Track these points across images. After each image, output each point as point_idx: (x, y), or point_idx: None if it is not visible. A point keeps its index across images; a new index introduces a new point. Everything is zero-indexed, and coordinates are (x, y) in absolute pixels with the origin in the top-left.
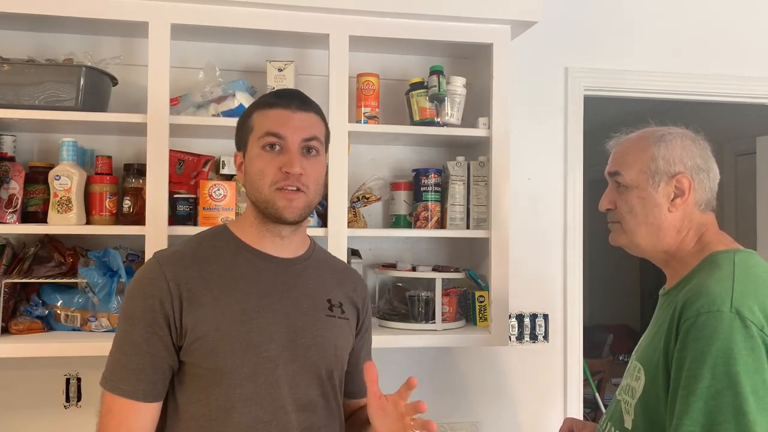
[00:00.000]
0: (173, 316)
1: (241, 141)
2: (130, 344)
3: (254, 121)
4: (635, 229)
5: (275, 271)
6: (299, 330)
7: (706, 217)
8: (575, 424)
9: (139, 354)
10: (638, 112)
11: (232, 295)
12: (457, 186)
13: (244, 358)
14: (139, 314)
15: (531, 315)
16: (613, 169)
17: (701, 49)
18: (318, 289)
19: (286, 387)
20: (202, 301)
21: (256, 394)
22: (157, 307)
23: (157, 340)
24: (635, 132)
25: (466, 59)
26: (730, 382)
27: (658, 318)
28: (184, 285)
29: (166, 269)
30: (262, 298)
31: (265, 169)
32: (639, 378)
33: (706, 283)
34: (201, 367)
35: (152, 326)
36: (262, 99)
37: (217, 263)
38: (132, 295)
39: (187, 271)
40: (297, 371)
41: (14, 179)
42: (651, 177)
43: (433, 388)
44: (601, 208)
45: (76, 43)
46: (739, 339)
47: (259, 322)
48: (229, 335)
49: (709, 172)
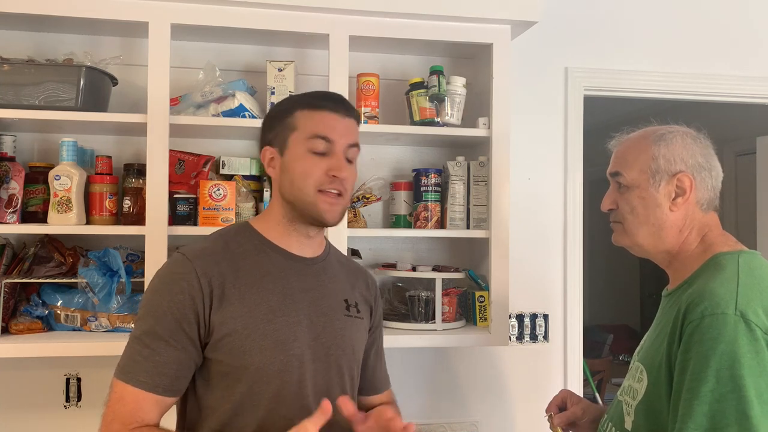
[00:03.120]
0: (203, 313)
1: (278, 138)
2: (155, 338)
3: (298, 120)
4: (637, 229)
5: (298, 270)
6: (320, 329)
7: (708, 217)
8: (571, 397)
9: (165, 348)
10: (638, 112)
11: (259, 293)
12: (457, 186)
13: (271, 355)
14: (167, 309)
15: (531, 315)
16: (614, 169)
17: (701, 49)
18: (336, 289)
19: (309, 385)
20: (231, 298)
21: (282, 392)
22: (188, 302)
23: (184, 336)
24: (636, 132)
25: (466, 59)
26: (735, 385)
27: (660, 319)
28: (215, 282)
29: (197, 265)
30: (286, 297)
31: (310, 170)
32: (641, 379)
33: (710, 285)
34: (227, 364)
35: (180, 321)
36: (304, 98)
37: (243, 261)
38: (159, 289)
39: (218, 267)
40: (319, 369)
41: (14, 179)
42: (651, 176)
43: (433, 388)
44: (603, 209)
45: (76, 43)
46: (744, 342)
47: (285, 320)
48: (256, 333)
49: (711, 170)
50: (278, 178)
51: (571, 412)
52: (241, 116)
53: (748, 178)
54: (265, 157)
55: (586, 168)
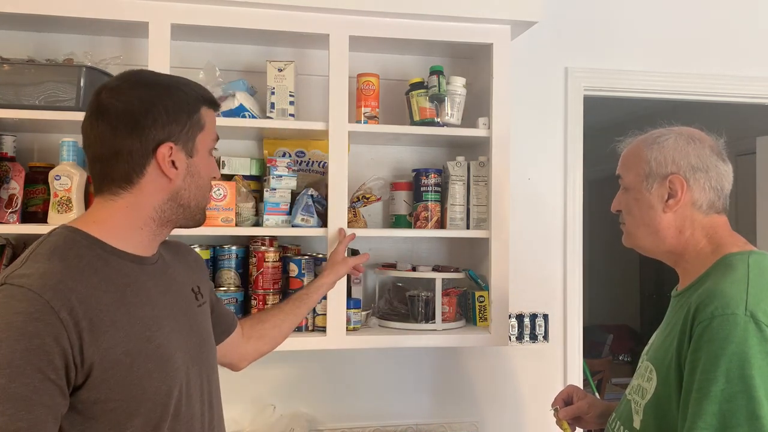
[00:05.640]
0: (72, 353)
1: (183, 134)
2: (10, 400)
3: (204, 117)
4: (635, 230)
5: (149, 273)
6: (188, 330)
7: (711, 218)
8: (576, 392)
9: (27, 409)
10: (638, 112)
11: (128, 310)
12: (457, 186)
13: (160, 377)
14: (21, 360)
15: (531, 315)
16: (617, 172)
17: (701, 49)
18: (183, 282)
19: (195, 391)
20: (101, 325)
21: (175, 409)
22: (48, 347)
23: (52, 386)
24: (640, 135)
25: (466, 59)
26: (745, 385)
27: (670, 319)
28: (78, 312)
29: (50, 298)
30: (154, 307)
31: (214, 175)
32: (651, 379)
33: (720, 286)
34: (111, 401)
35: (43, 371)
36: (205, 94)
37: (94, 277)
38: (2, 338)
39: (73, 294)
40: (199, 371)
41: (14, 179)
42: (644, 179)
43: (433, 388)
44: (612, 210)
45: (76, 43)
46: (754, 342)
47: (161, 334)
48: (140, 357)
49: (708, 171)
50: (180, 180)
51: (576, 406)
52: (241, 116)
53: (748, 178)
54: (164, 155)
55: (586, 168)
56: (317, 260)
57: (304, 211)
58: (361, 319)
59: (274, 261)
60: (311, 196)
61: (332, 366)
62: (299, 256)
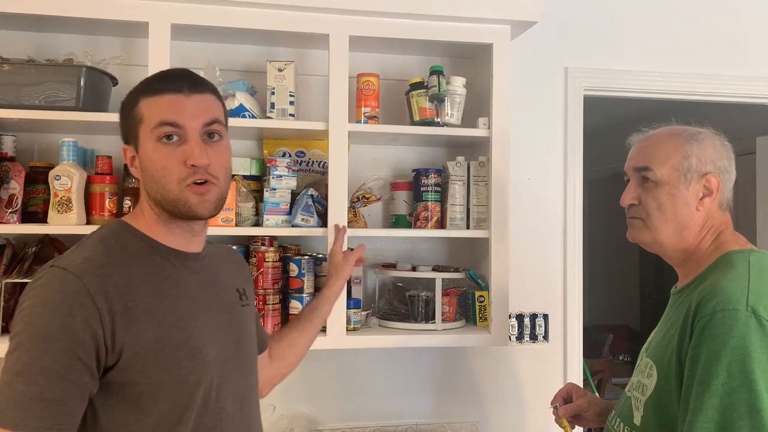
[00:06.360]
0: (103, 335)
1: (130, 133)
2: (42, 372)
3: (142, 109)
4: (661, 226)
5: (192, 268)
6: (226, 326)
7: (724, 217)
8: (576, 390)
9: (56, 382)
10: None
11: (164, 300)
12: (457, 186)
13: (189, 366)
14: (54, 336)
15: (531, 315)
16: (642, 164)
17: (701, 49)
18: (228, 281)
19: (227, 387)
20: (135, 311)
21: (203, 401)
22: (80, 326)
23: (80, 365)
24: (662, 128)
25: (466, 59)
26: (746, 379)
27: (670, 316)
28: (113, 298)
29: (87, 282)
30: (190, 300)
31: (167, 164)
32: (651, 375)
33: (721, 282)
34: (140, 385)
35: (73, 349)
36: (146, 83)
37: (135, 267)
38: (40, 313)
39: (111, 280)
40: (234, 369)
41: (14, 179)
42: (683, 175)
43: (433, 388)
44: (624, 203)
45: (76, 43)
46: (755, 338)
47: (195, 325)
48: (170, 344)
49: (731, 173)
50: (141, 177)
51: (576, 404)
52: (241, 116)
53: (747, 178)
54: (127, 158)
55: (586, 168)
56: (317, 260)
57: (304, 211)
58: (361, 319)
59: (274, 261)
60: (311, 196)
61: (332, 366)
62: (299, 256)
